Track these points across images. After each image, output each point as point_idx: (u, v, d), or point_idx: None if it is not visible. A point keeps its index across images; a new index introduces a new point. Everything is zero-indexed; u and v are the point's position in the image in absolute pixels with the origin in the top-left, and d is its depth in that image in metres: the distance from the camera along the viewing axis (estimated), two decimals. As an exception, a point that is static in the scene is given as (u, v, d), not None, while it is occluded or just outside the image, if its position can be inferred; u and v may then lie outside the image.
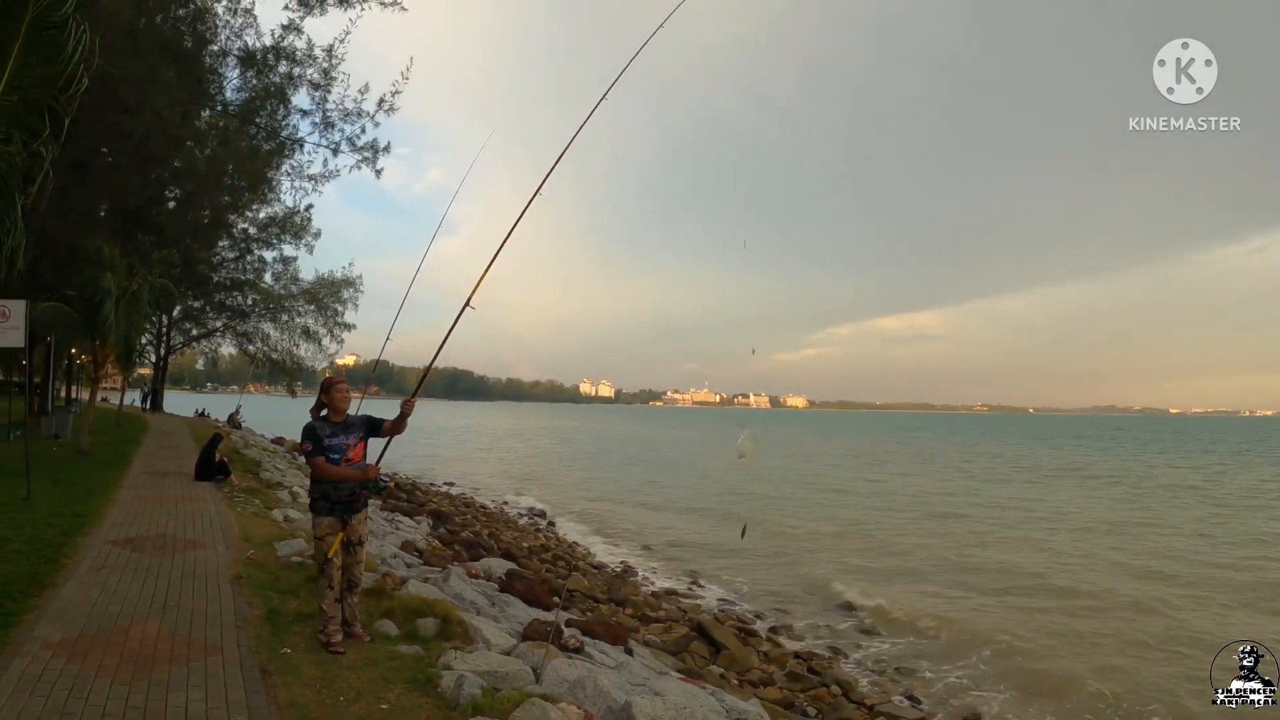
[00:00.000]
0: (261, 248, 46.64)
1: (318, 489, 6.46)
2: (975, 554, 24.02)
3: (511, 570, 13.26)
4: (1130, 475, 52.68)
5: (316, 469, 6.40)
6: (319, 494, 6.45)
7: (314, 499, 6.49)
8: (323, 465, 6.36)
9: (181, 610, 7.20)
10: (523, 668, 6.08)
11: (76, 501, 12.64)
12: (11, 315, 13.18)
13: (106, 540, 10.06)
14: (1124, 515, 32.74)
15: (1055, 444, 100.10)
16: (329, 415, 6.54)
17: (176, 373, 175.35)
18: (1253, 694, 6.27)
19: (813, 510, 33.03)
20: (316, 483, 6.47)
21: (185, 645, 6.29)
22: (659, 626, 14.36)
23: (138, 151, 21.88)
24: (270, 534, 11.08)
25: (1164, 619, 17.06)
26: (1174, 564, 22.65)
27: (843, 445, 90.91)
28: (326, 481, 6.41)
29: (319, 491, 6.45)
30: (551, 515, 29.91)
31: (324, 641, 6.36)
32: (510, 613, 8.98)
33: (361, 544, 6.68)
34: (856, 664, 14.23)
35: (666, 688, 6.88)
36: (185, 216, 29.96)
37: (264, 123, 25.94)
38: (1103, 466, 60.65)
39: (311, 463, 6.42)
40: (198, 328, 51.79)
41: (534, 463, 56.68)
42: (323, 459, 6.36)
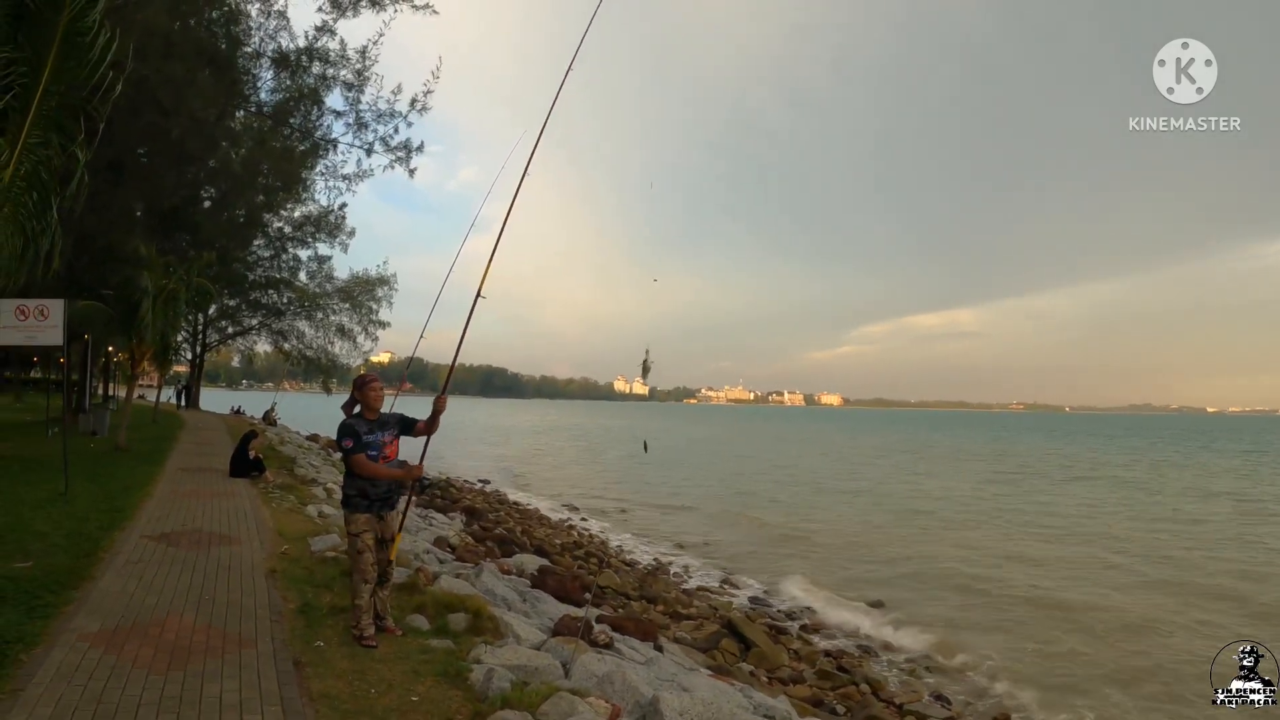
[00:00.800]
0: (296, 246, 46.85)
1: (354, 485, 6.46)
2: (1008, 555, 23.86)
3: (543, 566, 13.30)
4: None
5: (359, 466, 6.40)
6: (356, 490, 6.46)
7: (349, 495, 6.50)
8: (366, 463, 6.37)
9: (217, 603, 7.30)
10: (552, 662, 6.12)
11: (113, 497, 12.81)
12: (50, 314, 13.33)
13: (143, 535, 10.21)
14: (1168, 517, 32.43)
15: (1128, 448, 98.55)
16: (363, 413, 6.56)
17: (213, 370, 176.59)
18: (1253, 694, 6.25)
19: (842, 510, 32.88)
20: (353, 479, 6.47)
21: (220, 637, 6.38)
22: (690, 624, 14.37)
23: (174, 153, 22.08)
24: (304, 529, 11.19)
25: (1211, 623, 16.89)
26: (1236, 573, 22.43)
27: (876, 444, 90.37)
28: (364, 479, 6.44)
29: (356, 488, 6.46)
30: (583, 512, 29.96)
31: (356, 635, 6.41)
32: (541, 608, 9.04)
33: (394, 540, 6.71)
34: (886, 663, 14.21)
35: (695, 684, 6.90)
36: (221, 216, 30.17)
37: (298, 123, 26.09)
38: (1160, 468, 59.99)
39: (352, 460, 6.41)
40: (233, 325, 52.09)
41: (560, 459, 56.82)
42: (364, 456, 6.37)
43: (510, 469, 47.43)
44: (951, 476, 50.21)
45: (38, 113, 7.74)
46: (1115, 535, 27.39)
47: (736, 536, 26.21)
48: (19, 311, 13.24)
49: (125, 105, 20.48)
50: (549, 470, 48.93)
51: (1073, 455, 73.85)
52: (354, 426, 6.45)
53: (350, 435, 6.41)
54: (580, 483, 41.01)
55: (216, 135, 22.94)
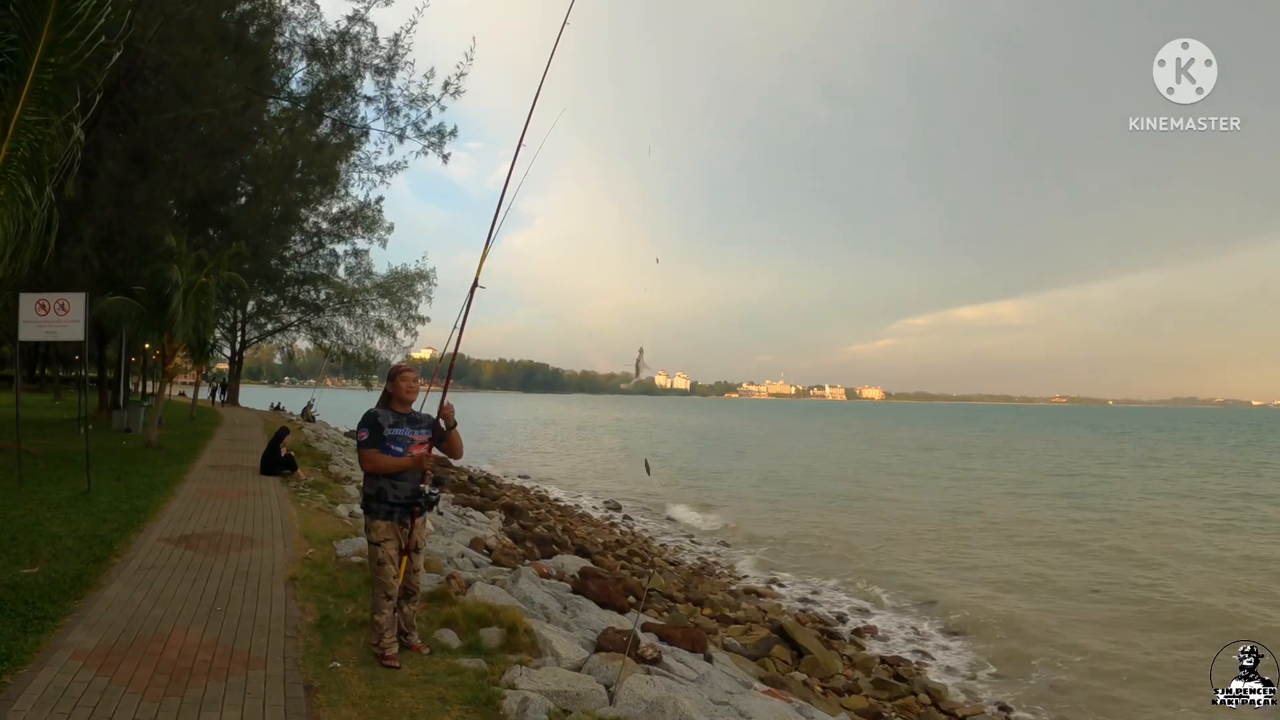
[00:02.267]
0: (333, 241, 46.75)
1: (373, 485, 5.77)
2: (1069, 551, 23.06)
3: (585, 569, 12.68)
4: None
5: (366, 461, 5.75)
6: (374, 491, 5.78)
7: (368, 497, 5.83)
8: (374, 456, 5.70)
9: (228, 615, 6.68)
10: (595, 686, 5.45)
11: (137, 496, 12.29)
12: (71, 309, 12.86)
13: (160, 537, 9.63)
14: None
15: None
16: (394, 405, 5.91)
17: (254, 367, 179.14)
18: (1253, 694, 6.06)
19: (888, 507, 32.10)
20: (372, 479, 5.79)
21: (227, 656, 5.74)
22: (738, 628, 13.72)
23: (202, 144, 21.66)
24: (332, 531, 10.57)
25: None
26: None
27: (916, 437, 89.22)
28: (384, 477, 5.75)
29: (374, 489, 5.77)
30: (627, 510, 29.31)
31: (378, 654, 5.75)
32: (583, 618, 8.36)
33: (418, 550, 6.02)
34: (945, 669, 13.52)
35: (752, 707, 6.20)
36: (255, 210, 29.89)
37: (331, 112, 25.58)
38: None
39: (362, 454, 5.77)
40: (272, 322, 52.05)
41: (605, 456, 56.25)
42: (376, 450, 5.71)
43: (547, 465, 46.88)
44: (1006, 471, 49.22)
45: (33, 87, 7.16)
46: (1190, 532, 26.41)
47: (782, 533, 25.48)
48: (39, 306, 12.80)
49: (148, 95, 20.17)
50: (586, 465, 48.40)
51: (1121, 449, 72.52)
52: (376, 416, 5.79)
53: (369, 426, 5.76)
54: (622, 479, 40.43)
55: (243, 125, 22.38)
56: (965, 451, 66.06)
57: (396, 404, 5.90)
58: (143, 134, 19.35)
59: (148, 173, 20.14)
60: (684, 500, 32.45)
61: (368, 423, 5.77)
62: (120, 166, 19.62)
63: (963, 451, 66.00)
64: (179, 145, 20.94)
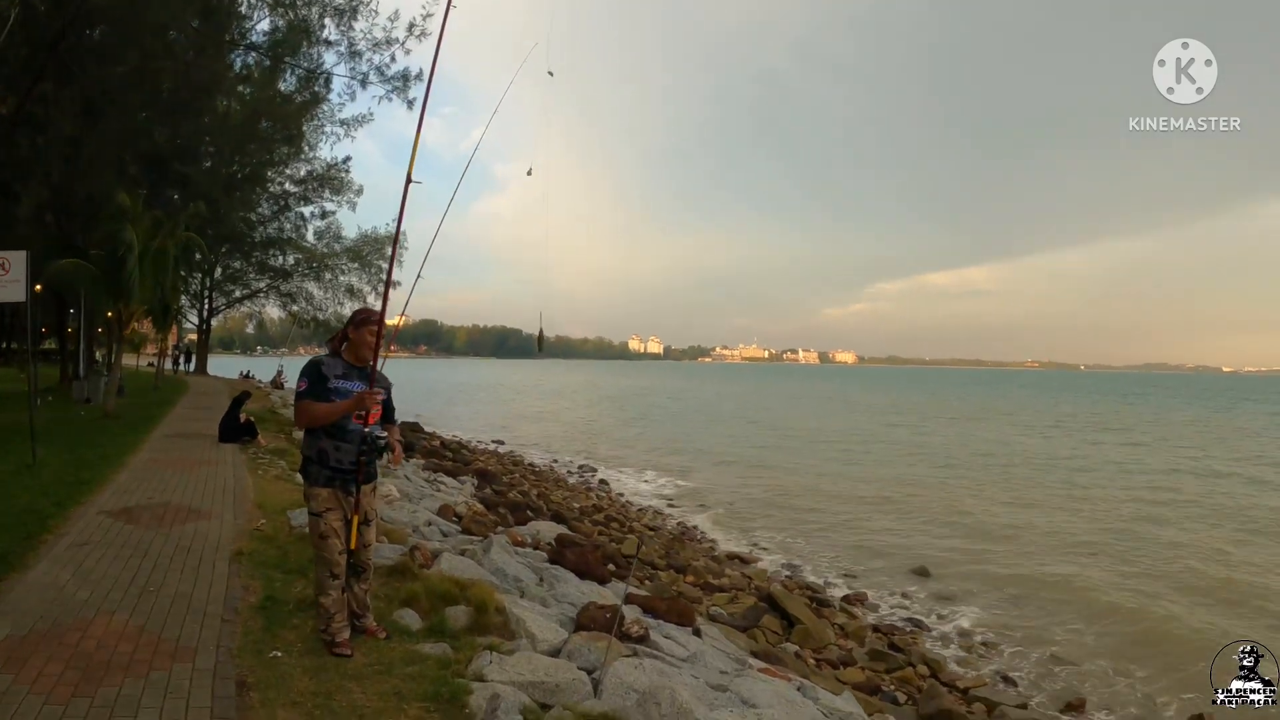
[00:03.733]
0: (300, 204, 45.85)
1: (312, 445, 4.95)
2: (1055, 511, 22.67)
3: (562, 535, 12.02)
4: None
5: (300, 414, 4.93)
6: (314, 453, 4.95)
7: (307, 460, 5.03)
8: (309, 406, 4.88)
9: (161, 597, 5.89)
10: (576, 675, 4.72)
11: (85, 468, 11.46)
12: (11, 268, 11.93)
13: (101, 510, 8.81)
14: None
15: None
16: (345, 353, 5.06)
17: (227, 336, 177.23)
18: (1253, 694, 6.00)
19: (873, 469, 31.65)
20: (312, 437, 4.96)
21: (152, 646, 4.97)
22: (723, 596, 13.15)
23: (157, 98, 20.66)
24: (288, 500, 9.75)
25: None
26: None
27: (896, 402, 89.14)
28: (325, 436, 4.91)
29: (314, 449, 4.95)
30: (602, 473, 28.63)
31: (327, 641, 4.99)
32: (560, 590, 7.62)
33: (369, 522, 5.19)
34: (939, 638, 13.02)
35: (754, 692, 5.49)
36: (217, 171, 28.93)
37: (291, 59, 24.53)
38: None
39: (299, 406, 4.94)
40: (240, 288, 50.90)
41: (583, 416, 55.56)
42: (311, 401, 4.89)
43: (522, 430, 46.14)
44: (990, 433, 49.04)
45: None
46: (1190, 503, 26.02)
47: (762, 497, 24.93)
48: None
49: (98, 46, 19.12)
50: (562, 429, 47.71)
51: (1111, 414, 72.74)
52: (320, 365, 4.95)
53: (309, 375, 4.92)
54: (596, 442, 39.83)
55: (200, 77, 21.26)
56: (941, 416, 65.91)
57: (349, 353, 5.08)
58: (89, 85, 18.28)
59: (96, 125, 19.06)
60: (659, 465, 31.99)
61: (309, 371, 4.94)
62: (69, 120, 18.54)
63: (940, 416, 65.83)
64: (132, 98, 19.89)
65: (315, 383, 4.88)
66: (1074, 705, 10.38)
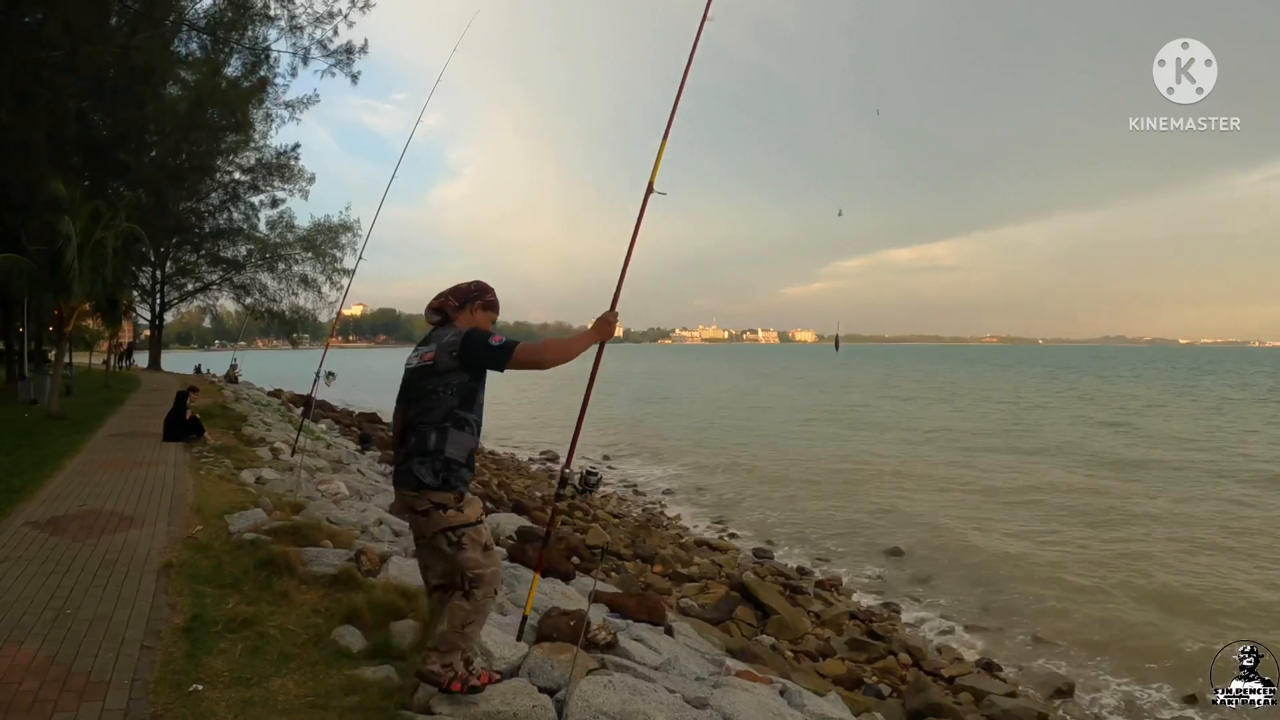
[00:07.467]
0: (249, 193, 44.92)
1: (462, 447, 3.95)
2: (1025, 484, 22.54)
3: (523, 529, 11.44)
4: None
5: (545, 350, 4.12)
6: (464, 455, 3.98)
7: (452, 463, 3.91)
8: (546, 342, 4.13)
9: (77, 621, 5.27)
10: (537, 701, 4.15)
11: (17, 473, 10.77)
12: (-67, 259, 11.24)
13: (26, 521, 8.13)
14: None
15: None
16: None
17: (183, 331, 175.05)
18: (1253, 694, 5.94)
19: (838, 449, 31.40)
20: (460, 433, 3.93)
21: (59, 680, 4.36)
22: (694, 586, 12.78)
23: (93, 82, 19.85)
24: (229, 503, 9.07)
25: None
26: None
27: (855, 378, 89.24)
28: (476, 432, 4.06)
29: (464, 452, 3.98)
30: (564, 461, 28.08)
31: (472, 686, 4.04)
32: (521, 593, 7.08)
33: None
34: (918, 621, 12.81)
35: (737, 706, 4.97)
36: (163, 159, 28.15)
37: (236, 39, 23.62)
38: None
39: (540, 345, 4.13)
40: (193, 281, 49.85)
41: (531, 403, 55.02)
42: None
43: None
44: (964, 412, 49.15)
45: None
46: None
47: (726, 481, 24.62)
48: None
49: (26, 28, 18.28)
50: (523, 416, 47.18)
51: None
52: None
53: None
54: (558, 429, 39.36)
55: (138, 60, 20.35)
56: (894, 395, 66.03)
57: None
58: (16, 67, 17.41)
59: (25, 109, 18.18)
60: (623, 451, 31.68)
61: (486, 333, 4.14)
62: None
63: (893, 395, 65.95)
64: (64, 82, 19.02)
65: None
66: (1062, 691, 10.13)
